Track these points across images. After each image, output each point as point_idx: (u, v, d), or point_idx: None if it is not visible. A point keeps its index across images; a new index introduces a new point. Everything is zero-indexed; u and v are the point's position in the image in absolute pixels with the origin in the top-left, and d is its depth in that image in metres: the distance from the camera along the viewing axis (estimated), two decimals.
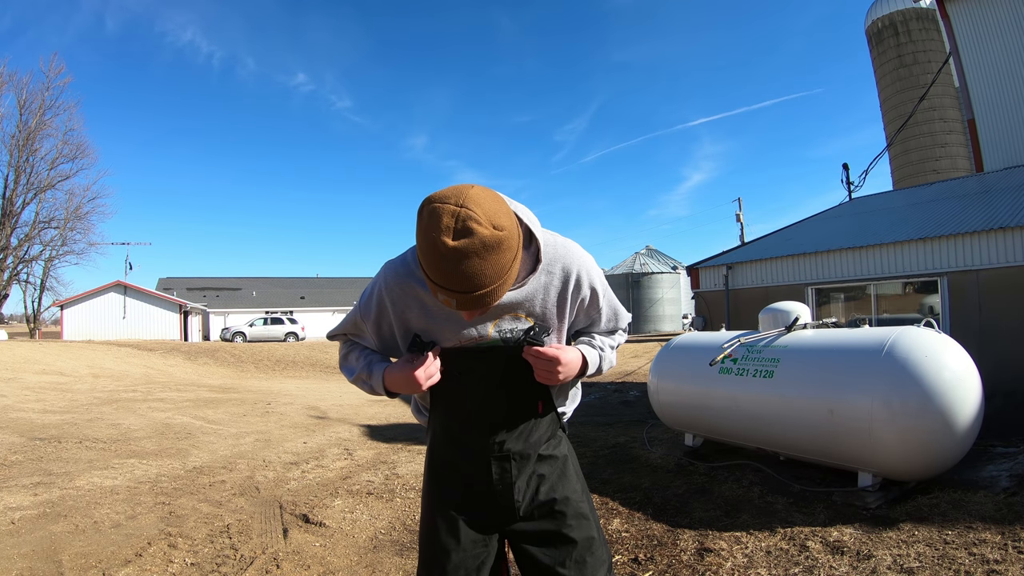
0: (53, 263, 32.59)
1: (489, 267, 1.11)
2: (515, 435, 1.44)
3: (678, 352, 5.59)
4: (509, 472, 1.42)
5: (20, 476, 4.66)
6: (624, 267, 33.64)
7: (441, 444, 1.50)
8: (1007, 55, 11.02)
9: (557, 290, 1.39)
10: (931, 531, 3.21)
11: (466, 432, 1.45)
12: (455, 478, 1.47)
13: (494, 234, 1.09)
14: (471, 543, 1.43)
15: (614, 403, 10.11)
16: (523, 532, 1.45)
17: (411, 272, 1.37)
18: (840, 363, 4.00)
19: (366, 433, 6.99)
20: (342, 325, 1.59)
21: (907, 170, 29.84)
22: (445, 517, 1.45)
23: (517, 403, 1.44)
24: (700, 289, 11.08)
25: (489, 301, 1.17)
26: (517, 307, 1.37)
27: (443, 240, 1.07)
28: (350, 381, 1.55)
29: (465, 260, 1.08)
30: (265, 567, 3.08)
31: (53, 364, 15.36)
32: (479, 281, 1.12)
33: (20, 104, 30.34)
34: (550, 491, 1.45)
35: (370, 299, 1.47)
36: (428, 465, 1.55)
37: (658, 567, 3.08)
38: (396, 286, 1.39)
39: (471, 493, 1.45)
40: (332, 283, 46.62)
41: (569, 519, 1.44)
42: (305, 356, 22.43)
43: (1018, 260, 6.87)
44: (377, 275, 1.46)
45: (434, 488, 1.50)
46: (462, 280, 1.11)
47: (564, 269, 1.39)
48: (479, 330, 1.38)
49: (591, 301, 1.47)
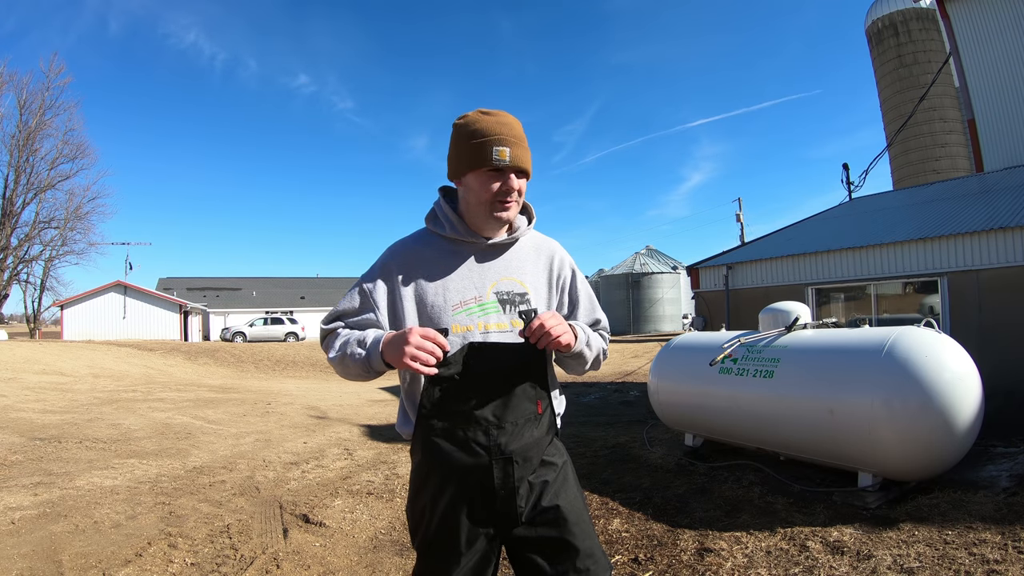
0: (53, 263, 32.65)
1: (517, 123, 1.48)
2: (517, 436, 1.42)
3: (678, 352, 5.59)
4: (511, 476, 1.41)
5: (20, 476, 4.66)
6: (624, 267, 33.63)
7: (438, 449, 1.43)
8: (1007, 55, 11.02)
9: (545, 265, 1.60)
10: (931, 531, 3.21)
11: (467, 434, 1.41)
12: (454, 485, 1.42)
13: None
14: (473, 554, 1.41)
15: (614, 403, 10.11)
16: (525, 539, 1.43)
17: (417, 239, 1.54)
18: (840, 363, 4.00)
19: (366, 433, 6.99)
20: (336, 312, 1.52)
21: (907, 170, 29.84)
22: (446, 526, 1.41)
23: (519, 403, 1.44)
24: (700, 289, 11.08)
25: (527, 157, 1.47)
26: (512, 271, 1.54)
27: (481, 110, 1.48)
28: (336, 358, 1.45)
29: (503, 114, 1.47)
30: (265, 567, 3.08)
31: (53, 364, 15.36)
32: (519, 128, 1.47)
33: (20, 104, 30.39)
34: (553, 497, 1.46)
35: (373, 270, 1.53)
36: (423, 471, 1.48)
37: (658, 567, 3.08)
38: (402, 252, 1.53)
39: (472, 500, 1.41)
40: (332, 283, 46.60)
41: (572, 526, 1.44)
42: (305, 356, 22.43)
43: (1018, 260, 6.87)
44: (379, 257, 1.56)
45: (431, 496, 1.44)
46: (511, 124, 1.45)
47: (549, 250, 1.63)
48: (479, 290, 1.49)
49: (571, 282, 1.64)
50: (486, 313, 1.47)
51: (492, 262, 1.53)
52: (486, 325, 1.47)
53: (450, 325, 1.44)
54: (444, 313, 1.45)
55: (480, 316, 1.47)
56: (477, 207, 1.47)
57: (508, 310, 1.50)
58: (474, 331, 1.45)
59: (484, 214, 1.47)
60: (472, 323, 1.46)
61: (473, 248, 1.52)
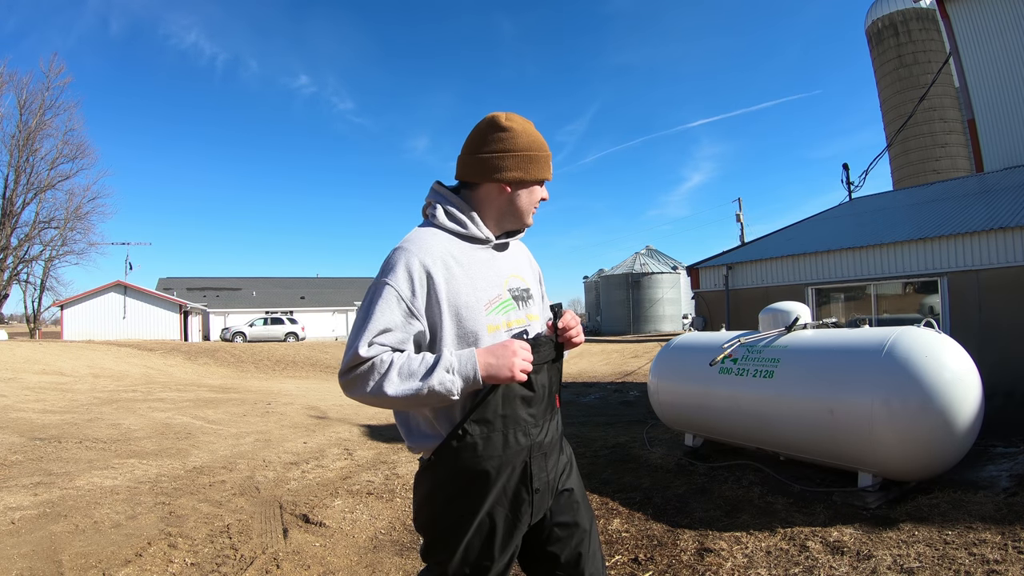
0: (53, 263, 32.62)
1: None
2: (547, 431, 1.49)
3: (678, 352, 5.59)
4: (546, 471, 1.47)
5: (20, 476, 4.66)
6: (624, 267, 33.63)
7: (483, 455, 1.37)
8: (1007, 55, 11.02)
9: (528, 261, 1.68)
10: (931, 531, 3.21)
11: (510, 436, 1.40)
12: (499, 489, 1.38)
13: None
14: (512, 553, 1.45)
15: (614, 403, 10.12)
16: (540, 523, 1.50)
17: (438, 236, 1.44)
18: (840, 363, 4.00)
19: (366, 433, 6.99)
20: (375, 329, 1.29)
21: (907, 170, 29.84)
22: (492, 532, 1.39)
23: (547, 399, 1.51)
24: (700, 289, 11.08)
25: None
26: (516, 268, 1.58)
27: (512, 116, 1.50)
28: (408, 393, 1.25)
29: (529, 123, 1.51)
30: (265, 567, 3.08)
31: (53, 364, 15.36)
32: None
33: (20, 104, 30.36)
34: (566, 481, 1.56)
35: (402, 271, 1.33)
36: (459, 481, 1.38)
37: (658, 567, 3.08)
38: (429, 250, 1.38)
39: (516, 500, 1.41)
40: (332, 283, 46.60)
41: (581, 508, 1.56)
42: (305, 356, 22.43)
43: (1018, 260, 6.87)
44: (394, 256, 1.37)
45: (471, 504, 1.37)
46: (540, 138, 1.52)
47: (524, 248, 1.71)
48: (499, 287, 1.50)
49: (540, 277, 1.74)
50: (507, 310, 1.50)
51: (503, 260, 1.56)
52: (509, 322, 1.49)
53: (486, 324, 1.43)
54: (478, 313, 1.42)
55: (503, 313, 1.48)
56: (514, 214, 1.53)
57: (521, 306, 1.53)
58: (501, 329, 1.46)
59: (517, 220, 1.55)
60: (500, 321, 1.47)
61: (487, 246, 1.54)
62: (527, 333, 1.50)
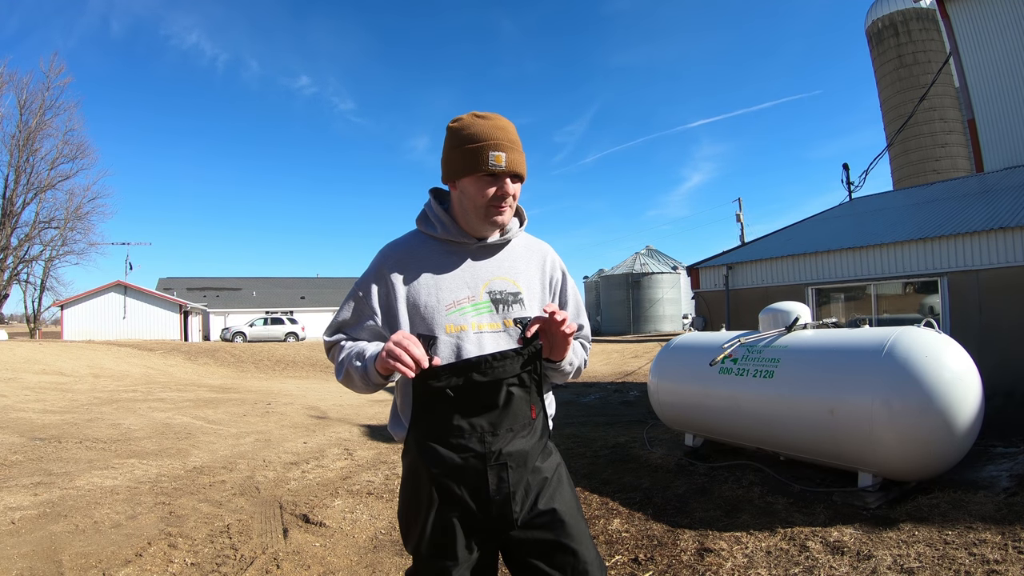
0: (53, 263, 32.66)
1: (512, 126, 1.47)
2: (512, 442, 1.41)
3: (678, 352, 5.59)
4: (507, 481, 1.39)
5: (20, 476, 4.66)
6: (624, 267, 33.63)
7: (431, 454, 1.40)
8: (1007, 55, 11.02)
9: (538, 265, 1.61)
10: (931, 531, 3.21)
11: (462, 441, 1.38)
12: (448, 490, 1.39)
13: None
14: (469, 560, 1.40)
15: (614, 403, 10.12)
16: (521, 542, 1.42)
17: (409, 240, 1.55)
18: (840, 363, 4.00)
19: (366, 433, 6.99)
20: (336, 323, 1.56)
21: (907, 170, 29.84)
22: (441, 532, 1.39)
23: (514, 411, 1.42)
24: (700, 289, 11.08)
25: (522, 161, 1.47)
26: (505, 271, 1.55)
27: (475, 113, 1.47)
28: (339, 373, 1.49)
29: (497, 117, 1.46)
30: (265, 567, 3.08)
31: (53, 364, 15.36)
32: (514, 132, 1.47)
33: (20, 104, 30.40)
34: (549, 501, 1.45)
35: (367, 275, 1.53)
36: (416, 476, 1.45)
37: (658, 567, 3.08)
38: (394, 254, 1.53)
39: (466, 505, 1.39)
40: (332, 283, 46.61)
41: (569, 529, 1.44)
42: (305, 356, 22.44)
43: (1018, 260, 6.87)
44: (372, 261, 1.56)
45: (424, 501, 1.42)
46: (506, 128, 1.44)
47: (541, 251, 1.65)
48: (472, 289, 1.49)
49: (562, 285, 1.65)
50: (479, 313, 1.47)
51: (485, 262, 1.53)
52: (479, 325, 1.46)
53: (444, 325, 1.43)
54: (437, 313, 1.44)
55: (474, 316, 1.46)
56: (472, 211, 1.47)
57: (501, 310, 1.50)
58: (468, 331, 1.44)
59: (479, 218, 1.48)
60: (466, 323, 1.45)
61: (465, 248, 1.53)
62: (519, 329, 1.46)
